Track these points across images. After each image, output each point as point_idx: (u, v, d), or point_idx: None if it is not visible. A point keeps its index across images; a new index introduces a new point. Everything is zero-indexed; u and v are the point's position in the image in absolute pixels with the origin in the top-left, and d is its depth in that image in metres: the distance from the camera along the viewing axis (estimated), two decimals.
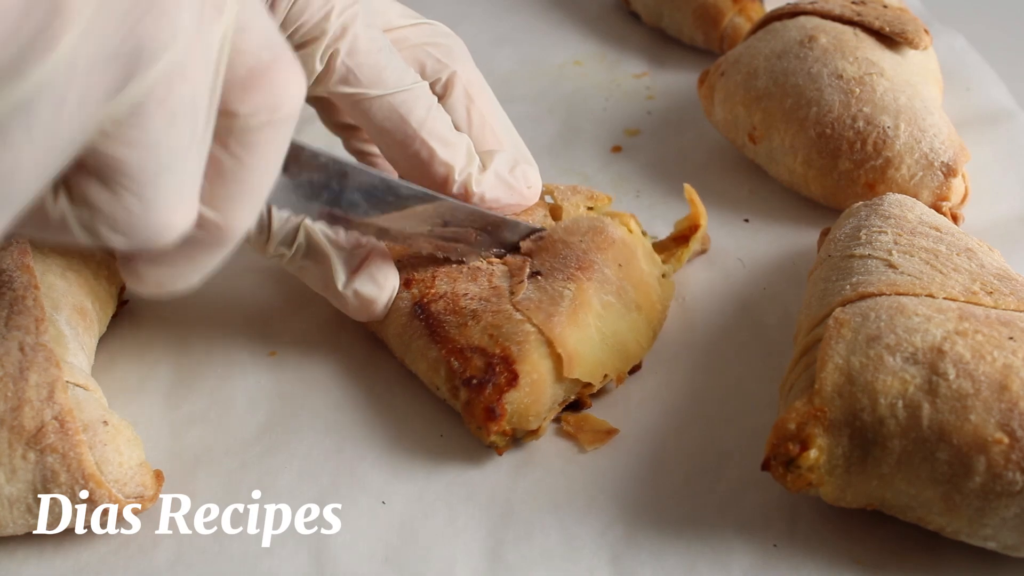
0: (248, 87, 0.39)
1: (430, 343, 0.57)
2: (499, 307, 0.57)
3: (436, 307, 0.58)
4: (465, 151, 0.60)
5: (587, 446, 0.56)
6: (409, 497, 0.54)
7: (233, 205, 0.40)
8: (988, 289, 0.52)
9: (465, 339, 0.56)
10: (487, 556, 0.51)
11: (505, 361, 0.54)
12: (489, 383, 0.54)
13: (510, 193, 0.61)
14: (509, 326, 0.55)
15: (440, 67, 0.62)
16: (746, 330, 0.63)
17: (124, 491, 0.51)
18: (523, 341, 0.55)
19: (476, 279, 0.59)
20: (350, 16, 0.56)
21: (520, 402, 0.54)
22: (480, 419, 0.53)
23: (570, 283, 0.57)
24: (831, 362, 0.49)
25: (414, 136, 0.58)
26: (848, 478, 0.48)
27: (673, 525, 0.52)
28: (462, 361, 0.55)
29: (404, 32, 0.62)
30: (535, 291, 0.57)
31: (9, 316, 0.52)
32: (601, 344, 0.57)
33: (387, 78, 0.57)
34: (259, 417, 0.59)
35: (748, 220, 0.71)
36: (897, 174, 0.66)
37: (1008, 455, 0.45)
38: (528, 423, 0.54)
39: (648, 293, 0.61)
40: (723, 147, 0.76)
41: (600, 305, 0.58)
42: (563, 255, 0.59)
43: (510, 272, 0.59)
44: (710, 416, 0.58)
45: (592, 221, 0.62)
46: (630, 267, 0.60)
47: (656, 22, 0.89)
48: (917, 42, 0.71)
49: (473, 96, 0.63)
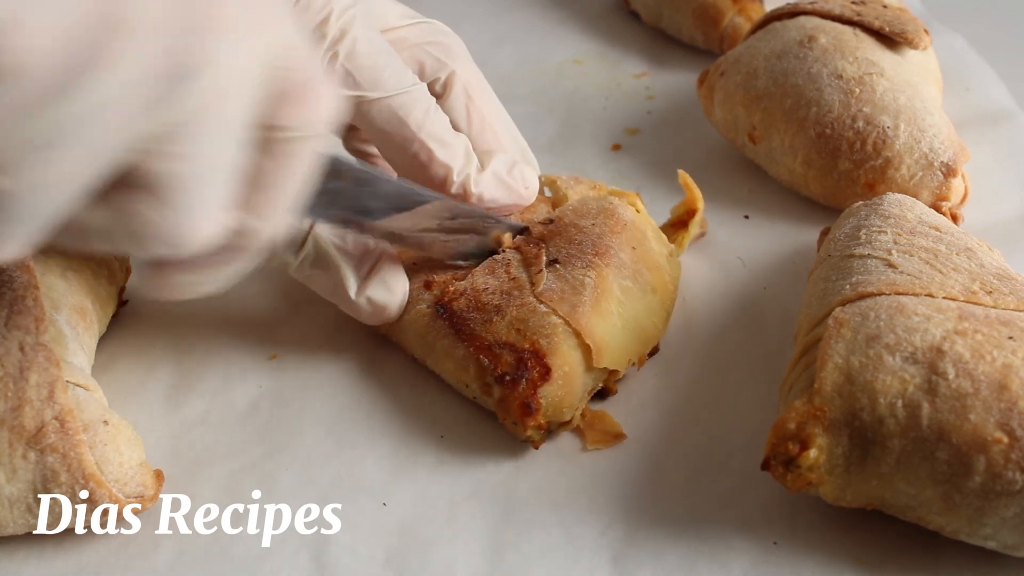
0: (288, 103, 0.41)
1: (456, 342, 0.56)
2: (522, 300, 0.57)
3: (459, 305, 0.57)
4: (463, 152, 0.60)
5: (590, 444, 0.56)
6: (410, 497, 0.54)
7: (271, 211, 0.43)
8: (988, 289, 0.52)
9: (492, 335, 0.56)
10: (488, 556, 0.51)
11: (536, 355, 0.54)
12: (523, 378, 0.54)
13: (508, 193, 0.61)
14: (535, 319, 0.55)
15: (439, 66, 0.63)
16: (746, 330, 0.63)
17: (124, 491, 0.51)
18: (551, 334, 0.55)
19: (494, 271, 0.59)
20: (349, 19, 0.57)
21: (554, 395, 0.54)
22: (516, 415, 0.54)
23: (590, 270, 0.57)
24: (831, 362, 0.49)
25: (413, 138, 0.58)
26: (848, 478, 0.48)
27: (673, 524, 0.52)
28: (492, 358, 0.55)
29: (403, 32, 0.63)
30: (556, 280, 0.57)
31: (9, 316, 0.52)
32: (623, 330, 0.57)
33: (386, 80, 0.58)
34: (260, 417, 0.59)
35: (748, 216, 0.71)
36: (897, 174, 0.66)
37: (1008, 454, 0.45)
38: (562, 415, 0.55)
39: (661, 274, 0.61)
40: (723, 147, 0.76)
41: (619, 291, 0.58)
42: (578, 240, 0.59)
43: (526, 262, 0.59)
44: (710, 416, 0.58)
45: (601, 203, 0.62)
46: (643, 249, 0.61)
47: (656, 22, 0.89)
48: (917, 42, 0.71)
49: (472, 95, 0.63)
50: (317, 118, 0.42)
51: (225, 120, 0.38)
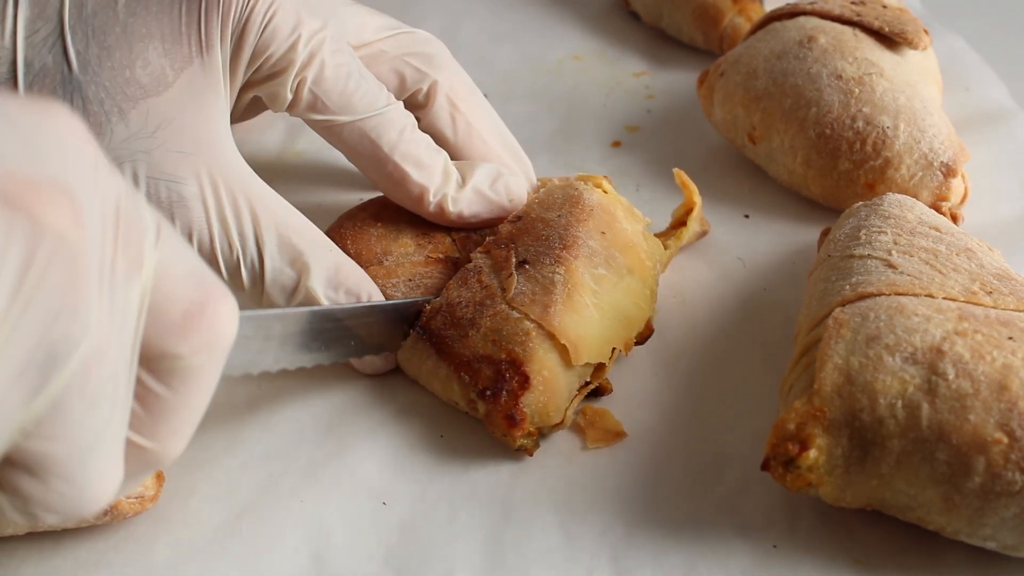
0: (184, 329, 0.37)
1: (439, 362, 0.56)
2: (495, 309, 0.56)
3: (436, 324, 0.57)
4: (441, 171, 0.60)
5: (590, 443, 0.56)
6: (409, 497, 0.54)
7: (172, 435, 0.39)
8: (988, 289, 0.52)
9: (470, 350, 0.55)
10: (487, 556, 0.51)
11: (513, 365, 0.54)
12: (503, 391, 0.53)
13: (490, 207, 0.61)
14: (508, 327, 0.55)
15: (420, 77, 0.63)
16: (746, 330, 0.63)
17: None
18: (525, 340, 0.54)
19: (467, 282, 0.58)
20: (317, 43, 0.56)
21: (537, 402, 0.54)
22: (503, 428, 0.53)
23: (559, 266, 0.57)
24: (830, 362, 0.49)
25: (386, 160, 0.59)
26: (848, 478, 0.48)
27: (673, 525, 0.52)
28: (471, 374, 0.54)
29: (381, 45, 0.62)
30: (526, 283, 0.57)
31: None
32: (601, 320, 0.56)
33: (356, 103, 0.58)
34: (259, 418, 0.59)
35: (748, 216, 0.71)
36: (897, 174, 0.66)
37: (1007, 455, 0.45)
38: (550, 419, 0.54)
39: (636, 253, 0.60)
40: (723, 147, 0.76)
41: (592, 280, 0.57)
42: (545, 236, 0.59)
43: (496, 267, 0.58)
44: (710, 416, 0.58)
45: (565, 190, 0.62)
46: (613, 232, 0.60)
47: (655, 22, 0.89)
48: (917, 42, 0.71)
49: (457, 103, 0.63)
50: (220, 338, 0.37)
51: (104, 383, 0.34)
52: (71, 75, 0.52)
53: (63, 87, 0.52)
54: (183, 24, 0.54)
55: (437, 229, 0.62)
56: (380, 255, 0.61)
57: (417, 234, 0.62)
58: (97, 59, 0.53)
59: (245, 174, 0.56)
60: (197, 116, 0.54)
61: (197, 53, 0.55)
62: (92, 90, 0.52)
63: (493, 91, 0.82)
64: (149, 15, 0.54)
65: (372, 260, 0.61)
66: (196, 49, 0.54)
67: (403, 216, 0.62)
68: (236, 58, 0.56)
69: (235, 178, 0.55)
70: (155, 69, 0.54)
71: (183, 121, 0.54)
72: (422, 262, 0.61)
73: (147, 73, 0.54)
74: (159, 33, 0.54)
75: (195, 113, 0.54)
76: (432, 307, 0.57)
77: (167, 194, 0.53)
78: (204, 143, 0.54)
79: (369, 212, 0.63)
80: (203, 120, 0.54)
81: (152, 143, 0.53)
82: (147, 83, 0.53)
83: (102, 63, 0.53)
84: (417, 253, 0.61)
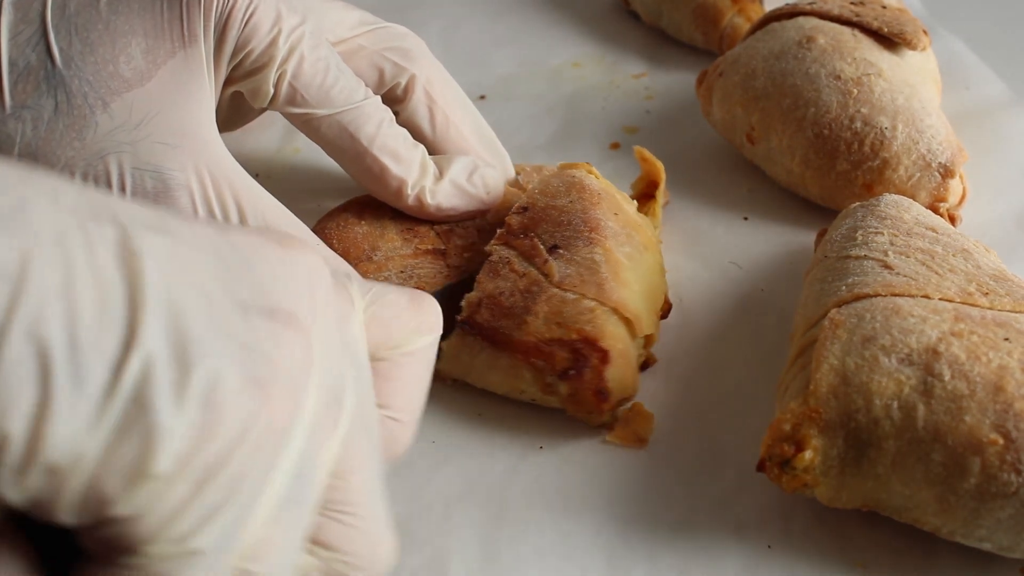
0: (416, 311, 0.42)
1: (496, 353, 0.55)
2: (548, 293, 0.55)
3: (483, 316, 0.56)
4: (419, 164, 0.60)
5: (610, 438, 0.56)
6: (404, 497, 0.54)
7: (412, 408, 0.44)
8: (984, 290, 0.52)
9: (534, 335, 0.55)
10: (481, 555, 0.51)
11: (588, 342, 0.54)
12: (586, 368, 0.53)
13: (468, 200, 0.62)
14: (568, 308, 0.55)
15: (398, 71, 0.63)
16: (743, 331, 0.63)
17: None
18: (592, 318, 0.54)
19: (500, 273, 0.57)
20: (297, 37, 0.57)
21: (619, 374, 0.54)
22: (592, 404, 0.54)
23: (595, 247, 0.57)
24: (826, 363, 0.49)
25: (365, 152, 0.59)
26: (843, 479, 0.48)
27: (668, 525, 0.52)
28: (545, 357, 0.54)
29: (359, 40, 0.63)
30: (567, 266, 0.57)
31: None
32: (641, 295, 0.57)
33: (334, 97, 0.58)
34: None
35: (747, 218, 0.71)
36: (894, 175, 0.66)
37: (1003, 456, 0.45)
38: (628, 390, 0.55)
39: (644, 231, 0.61)
40: (721, 147, 0.76)
41: (625, 258, 0.58)
42: (565, 221, 0.59)
43: (526, 255, 0.58)
44: (706, 417, 0.58)
45: (563, 178, 0.62)
46: (623, 213, 0.61)
47: (655, 22, 0.89)
48: (916, 43, 0.71)
49: (434, 96, 0.64)
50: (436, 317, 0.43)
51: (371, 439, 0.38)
52: (55, 70, 0.53)
53: (47, 83, 0.53)
54: (165, 20, 0.55)
55: (420, 223, 0.62)
56: (368, 251, 0.61)
57: (402, 229, 0.62)
58: (80, 55, 0.53)
59: (230, 165, 0.56)
60: (182, 108, 0.55)
61: (180, 46, 0.55)
62: (76, 84, 0.53)
63: (492, 93, 0.82)
64: (131, 12, 0.54)
65: (361, 257, 0.61)
66: (179, 43, 0.55)
67: (386, 212, 0.63)
68: (219, 52, 0.56)
69: (220, 169, 0.55)
70: (138, 63, 0.54)
71: (167, 113, 0.54)
72: (411, 254, 0.61)
73: (130, 68, 0.54)
74: (141, 29, 0.54)
75: (179, 105, 0.55)
76: (470, 301, 0.57)
77: (152, 184, 0.53)
78: (189, 134, 0.55)
79: (351, 211, 0.64)
80: (187, 112, 0.55)
81: (137, 135, 0.54)
82: (130, 76, 0.54)
83: (85, 58, 0.53)
84: (405, 247, 0.61)
